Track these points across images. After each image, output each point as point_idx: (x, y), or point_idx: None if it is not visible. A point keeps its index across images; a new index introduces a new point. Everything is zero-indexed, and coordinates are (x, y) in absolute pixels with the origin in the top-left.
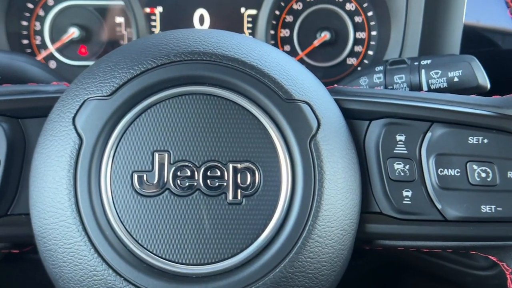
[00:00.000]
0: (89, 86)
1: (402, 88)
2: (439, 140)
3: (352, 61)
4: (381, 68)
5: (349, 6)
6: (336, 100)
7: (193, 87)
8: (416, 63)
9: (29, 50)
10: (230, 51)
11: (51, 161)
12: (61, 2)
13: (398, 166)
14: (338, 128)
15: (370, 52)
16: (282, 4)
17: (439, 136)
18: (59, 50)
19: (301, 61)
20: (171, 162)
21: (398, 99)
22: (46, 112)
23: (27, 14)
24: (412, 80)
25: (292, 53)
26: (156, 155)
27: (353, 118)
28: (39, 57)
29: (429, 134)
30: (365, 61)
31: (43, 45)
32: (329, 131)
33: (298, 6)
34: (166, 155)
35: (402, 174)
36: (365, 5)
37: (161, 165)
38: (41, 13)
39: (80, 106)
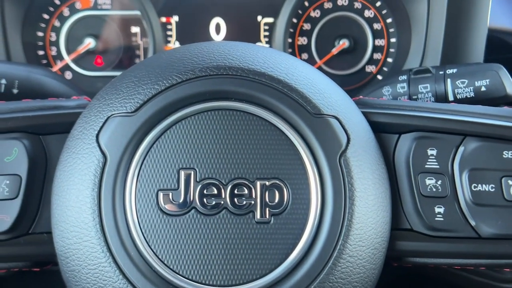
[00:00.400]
0: (113, 102)
1: (427, 98)
2: (472, 154)
3: (371, 68)
4: (404, 77)
5: (367, 13)
6: (364, 113)
7: (219, 102)
8: (441, 72)
9: (45, 61)
10: (256, 65)
11: (74, 179)
12: (77, 13)
13: (430, 181)
14: (367, 143)
15: (390, 60)
16: (300, 12)
17: (473, 150)
18: (74, 60)
19: (319, 69)
20: (197, 180)
21: (428, 111)
22: (67, 128)
23: (43, 25)
24: (438, 89)
25: (310, 61)
26: (182, 173)
27: (382, 131)
28: (55, 68)
29: (461, 148)
30: (384, 69)
31: (59, 56)
32: (359, 146)
33: (315, 13)
34: (192, 172)
35: (434, 189)
36: (384, 11)
37: (187, 183)
38: (57, 23)
39: (104, 123)
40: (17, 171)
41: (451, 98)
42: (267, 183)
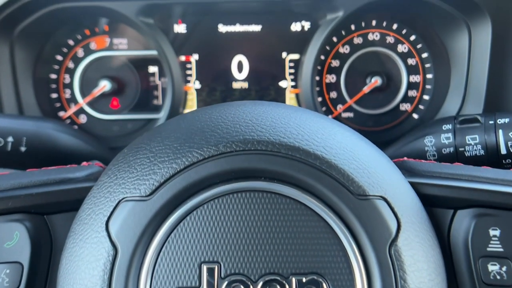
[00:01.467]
0: (125, 182)
1: (475, 150)
2: None
3: (406, 107)
4: (449, 126)
5: (401, 48)
6: (413, 185)
7: (247, 182)
8: (491, 122)
9: (58, 104)
10: (289, 137)
11: (81, 272)
12: (92, 54)
13: (493, 267)
14: (420, 226)
15: (426, 97)
16: (327, 48)
17: None
18: (89, 103)
19: (350, 108)
20: (222, 276)
21: (488, 183)
22: (75, 205)
23: (56, 67)
24: (488, 141)
25: (340, 100)
26: (204, 267)
27: (435, 206)
28: (69, 112)
29: None
30: (421, 107)
31: (73, 99)
32: (411, 231)
33: (344, 49)
34: (216, 267)
35: (498, 277)
36: (419, 46)
37: (210, 281)
38: (71, 65)
39: (115, 208)
40: (18, 258)
41: (503, 151)
42: (304, 279)
